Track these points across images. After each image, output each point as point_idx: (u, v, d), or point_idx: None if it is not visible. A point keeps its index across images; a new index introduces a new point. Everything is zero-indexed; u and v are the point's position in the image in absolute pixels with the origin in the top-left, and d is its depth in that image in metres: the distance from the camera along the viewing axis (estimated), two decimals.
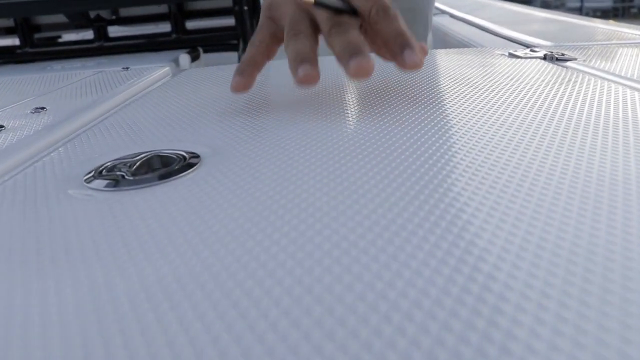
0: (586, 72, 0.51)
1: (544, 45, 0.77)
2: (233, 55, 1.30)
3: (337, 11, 0.42)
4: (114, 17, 1.47)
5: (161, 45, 1.37)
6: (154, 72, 0.70)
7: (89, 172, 0.30)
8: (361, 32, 0.42)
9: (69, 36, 1.69)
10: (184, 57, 1.13)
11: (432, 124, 0.36)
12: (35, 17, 1.45)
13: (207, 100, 0.50)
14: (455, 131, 0.34)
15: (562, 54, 0.60)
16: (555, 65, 0.55)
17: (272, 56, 0.45)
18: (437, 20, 1.44)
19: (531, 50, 0.64)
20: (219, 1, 1.31)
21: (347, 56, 0.38)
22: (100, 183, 0.28)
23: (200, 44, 1.32)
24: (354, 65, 0.37)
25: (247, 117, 0.42)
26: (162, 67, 0.74)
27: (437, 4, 1.67)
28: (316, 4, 0.41)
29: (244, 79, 0.42)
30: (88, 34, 1.43)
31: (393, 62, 0.42)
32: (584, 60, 0.57)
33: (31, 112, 0.49)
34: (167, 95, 0.55)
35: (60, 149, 0.37)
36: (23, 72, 1.14)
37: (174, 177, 0.28)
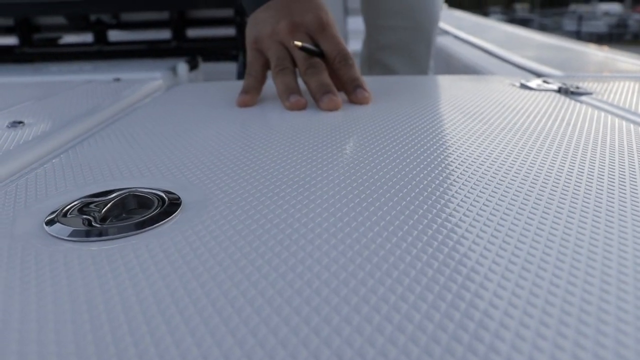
0: (602, 109, 0.48)
1: (555, 75, 0.74)
2: (232, 65, 1.27)
3: (310, 53, 0.53)
4: (114, 21, 1.46)
5: (160, 52, 1.35)
6: (144, 85, 0.66)
7: (53, 212, 0.26)
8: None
9: (68, 38, 1.68)
10: (182, 66, 1.10)
11: (443, 163, 0.33)
12: (35, 17, 1.43)
13: (196, 123, 0.46)
14: (463, 170, 0.31)
15: (577, 87, 0.57)
16: (571, 100, 0.52)
17: (265, 81, 0.56)
18: (441, 41, 1.42)
19: (544, 82, 0.61)
20: (221, 11, 1.29)
21: (321, 93, 0.50)
22: (62, 229, 0.24)
23: (199, 53, 1.30)
24: (327, 100, 0.49)
25: (233, 145, 0.39)
26: (154, 79, 0.70)
27: (441, 24, 1.65)
28: (301, 48, 0.52)
29: (250, 97, 0.53)
30: (88, 37, 1.41)
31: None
32: (600, 95, 0.54)
33: (7, 127, 0.45)
34: (155, 113, 0.51)
35: (28, 176, 0.33)
36: (15, 74, 1.11)
37: (149, 228, 0.24)
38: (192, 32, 1.37)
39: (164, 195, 0.27)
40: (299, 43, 0.51)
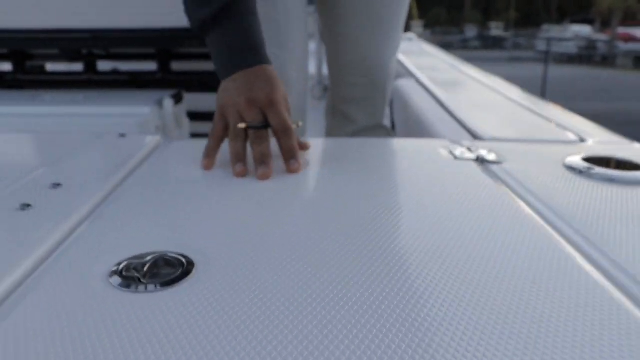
0: (505, 182, 0.62)
1: (484, 136, 0.91)
2: (213, 96, 1.38)
3: (258, 129, 0.69)
4: (104, 52, 1.54)
5: (147, 83, 1.44)
6: (147, 142, 0.79)
7: (116, 265, 0.40)
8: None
9: (59, 66, 1.75)
10: (167, 101, 1.21)
11: (347, 226, 0.47)
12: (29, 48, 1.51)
13: (194, 187, 0.61)
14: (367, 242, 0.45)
15: (495, 157, 0.72)
16: (482, 171, 0.67)
17: (224, 140, 0.71)
18: (403, 83, 1.58)
19: (468, 149, 0.77)
20: (204, 48, 1.41)
21: (258, 163, 0.65)
22: (121, 282, 0.38)
23: (183, 85, 1.40)
24: (260, 172, 0.64)
25: (231, 210, 0.53)
26: (154, 136, 0.83)
27: (407, 65, 1.81)
28: (248, 127, 0.69)
29: (211, 160, 0.69)
30: (78, 66, 1.48)
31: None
32: (509, 164, 0.69)
33: (49, 189, 0.56)
34: (158, 176, 0.66)
35: (79, 238, 0.46)
36: (12, 103, 1.19)
37: (177, 284, 0.38)
38: (177, 65, 1.45)
39: (183, 259, 0.42)
40: (243, 125, 0.69)
